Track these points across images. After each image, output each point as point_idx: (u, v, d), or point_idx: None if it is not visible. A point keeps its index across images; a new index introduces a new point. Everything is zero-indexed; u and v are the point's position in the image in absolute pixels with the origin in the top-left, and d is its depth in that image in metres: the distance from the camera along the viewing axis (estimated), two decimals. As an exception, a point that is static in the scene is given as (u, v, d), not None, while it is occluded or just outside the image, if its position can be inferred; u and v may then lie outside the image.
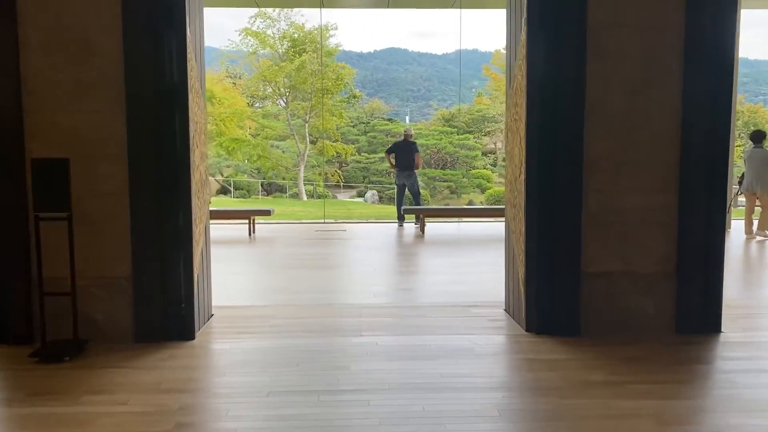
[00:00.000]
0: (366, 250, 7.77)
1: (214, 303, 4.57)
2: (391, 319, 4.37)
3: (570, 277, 3.93)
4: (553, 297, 3.94)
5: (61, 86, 3.71)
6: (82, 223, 3.73)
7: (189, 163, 3.81)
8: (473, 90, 37.65)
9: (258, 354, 3.62)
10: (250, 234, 9.19)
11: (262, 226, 10.28)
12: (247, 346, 3.75)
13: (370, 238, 8.93)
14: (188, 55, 3.79)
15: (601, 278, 4.00)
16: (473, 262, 6.83)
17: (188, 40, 3.80)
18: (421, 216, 9.58)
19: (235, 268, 6.59)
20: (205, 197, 4.30)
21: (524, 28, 3.89)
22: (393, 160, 10.48)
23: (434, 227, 10.07)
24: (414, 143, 10.52)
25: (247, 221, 9.36)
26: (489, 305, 4.69)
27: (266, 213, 9.39)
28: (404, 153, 10.33)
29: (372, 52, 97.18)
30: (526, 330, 4.02)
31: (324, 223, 11.67)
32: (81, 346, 3.67)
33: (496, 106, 31.25)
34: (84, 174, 3.73)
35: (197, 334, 3.97)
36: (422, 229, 9.46)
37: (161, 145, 3.75)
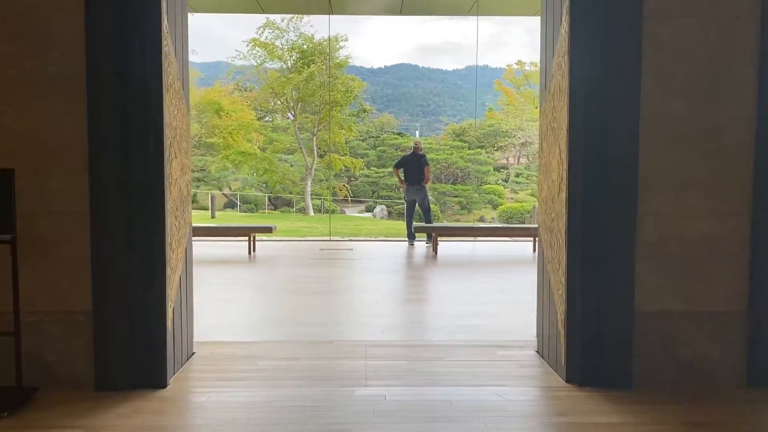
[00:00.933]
0: (374, 273, 7.10)
1: (197, 337, 3.92)
2: (402, 362, 3.69)
3: (621, 317, 3.25)
4: (600, 341, 3.26)
5: (12, 83, 3.10)
6: (31, 247, 3.10)
7: (163, 177, 3.18)
8: (486, 104, 37.11)
9: (240, 410, 2.95)
10: (250, 253, 8.55)
11: (264, 243, 9.65)
12: (228, 399, 3.09)
13: (378, 259, 8.26)
14: (164, 49, 3.18)
15: (659, 319, 3.31)
16: (493, 289, 6.14)
17: (165, 30, 3.19)
18: (434, 235, 8.91)
19: (228, 293, 5.94)
20: (185, 217, 3.66)
21: (566, 17, 3.25)
22: (402, 176, 9.84)
23: (447, 246, 9.40)
24: (423, 156, 9.89)
25: (247, 239, 8.72)
26: (517, 345, 4.00)
27: (267, 230, 8.75)
28: (413, 167, 9.70)
29: (382, 67, 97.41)
30: (566, 381, 3.33)
31: (330, 240, 11.02)
32: (27, 396, 3.02)
33: (509, 120, 30.67)
34: (35, 188, 3.11)
35: (171, 380, 3.31)
36: (434, 249, 8.78)
37: (130, 154, 3.12)
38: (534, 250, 8.89)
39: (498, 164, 32.04)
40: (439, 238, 8.99)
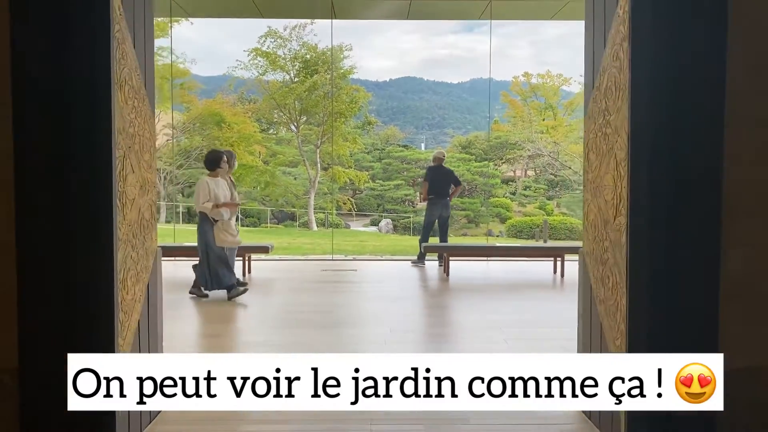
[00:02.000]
0: (381, 300, 6.36)
1: (166, 390, 3.20)
2: (418, 426, 2.96)
3: (700, 377, 2.51)
4: (673, 408, 2.53)
5: None
6: (-63, 289, 2.40)
7: (112, 195, 2.49)
8: (493, 116, 36.52)
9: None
10: (244, 275, 7.83)
11: (260, 263, 8.94)
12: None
13: (385, 282, 7.54)
14: (116, 35, 2.50)
15: (747, 376, 2.58)
16: (517, 321, 5.40)
17: (118, 11, 2.52)
18: (445, 255, 8.19)
19: (212, 326, 5.23)
20: (148, 245, 2.96)
21: (627, -6, 2.55)
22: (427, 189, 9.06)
23: (459, 267, 8.67)
24: (452, 172, 9.28)
25: (241, 259, 8.01)
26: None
27: (264, 250, 8.05)
28: (440, 179, 8.99)
29: (387, 80, 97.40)
30: (629, 457, 2.59)
31: (332, 260, 10.30)
32: (-70, 482, 2.31)
33: (517, 132, 30.05)
34: (-55, 211, 2.42)
35: (122, 455, 2.60)
36: (446, 270, 8.06)
37: (67, 169, 2.43)
38: (555, 272, 8.15)
39: (505, 177, 31.38)
40: (450, 258, 8.27)
